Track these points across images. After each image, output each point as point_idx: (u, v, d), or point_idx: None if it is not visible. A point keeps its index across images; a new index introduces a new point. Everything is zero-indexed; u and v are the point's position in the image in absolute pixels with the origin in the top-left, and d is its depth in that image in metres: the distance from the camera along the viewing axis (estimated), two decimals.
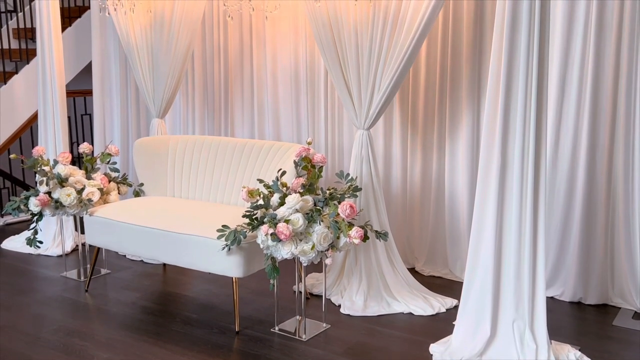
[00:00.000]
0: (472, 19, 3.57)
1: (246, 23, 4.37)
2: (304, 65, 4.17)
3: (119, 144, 4.98)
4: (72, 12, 5.43)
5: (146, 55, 4.17)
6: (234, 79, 4.52)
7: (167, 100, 4.20)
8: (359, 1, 3.20)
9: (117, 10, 4.06)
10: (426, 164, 3.86)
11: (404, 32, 3.19)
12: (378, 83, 3.32)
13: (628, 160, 3.25)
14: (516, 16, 2.58)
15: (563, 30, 3.24)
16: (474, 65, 3.60)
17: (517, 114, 2.63)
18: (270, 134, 4.39)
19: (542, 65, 2.59)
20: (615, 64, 3.20)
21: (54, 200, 3.54)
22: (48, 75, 4.35)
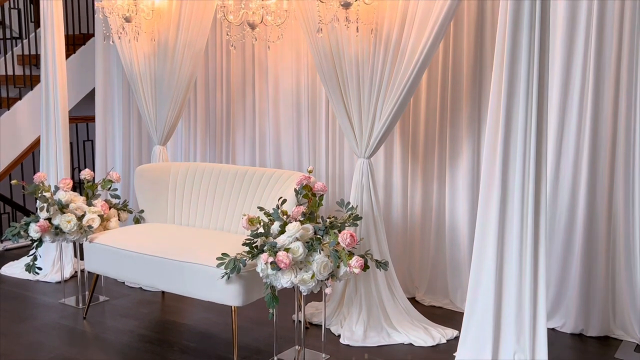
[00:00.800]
0: (473, 49, 3.61)
1: (249, 52, 4.42)
2: (305, 93, 4.20)
3: (120, 171, 4.99)
4: (77, 40, 5.49)
5: (149, 83, 4.21)
6: (236, 106, 4.55)
7: (170, 127, 4.23)
8: (361, 32, 3.24)
9: (121, 38, 4.11)
10: (427, 193, 3.87)
11: (405, 62, 3.23)
12: (379, 112, 3.34)
13: (628, 191, 3.25)
14: (516, 47, 2.61)
15: (563, 60, 3.27)
16: (474, 95, 3.63)
17: (517, 145, 2.64)
18: (272, 162, 4.41)
19: (541, 96, 2.61)
20: (615, 94, 3.22)
21: (54, 226, 3.54)
22: (51, 101, 4.38)
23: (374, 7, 3.24)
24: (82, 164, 6.05)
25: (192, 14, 3.94)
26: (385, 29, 3.26)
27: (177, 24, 4.00)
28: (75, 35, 5.52)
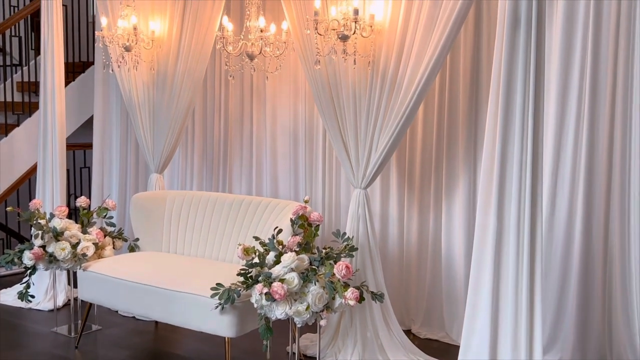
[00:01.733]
0: (469, 81, 3.64)
1: (247, 81, 4.45)
2: (302, 123, 4.22)
3: (116, 198, 4.98)
4: (77, 67, 5.52)
5: (147, 112, 4.23)
6: (233, 135, 4.57)
7: (167, 155, 4.23)
8: (358, 64, 3.27)
9: (121, 67, 4.14)
10: (423, 224, 3.86)
11: (402, 94, 3.25)
12: (375, 143, 3.36)
13: (624, 226, 3.25)
14: (511, 82, 2.64)
15: (558, 92, 3.30)
16: (470, 127, 3.65)
17: (513, 177, 2.65)
18: (268, 191, 4.41)
19: (536, 131, 2.63)
20: (610, 129, 3.24)
21: (49, 254, 3.52)
22: (49, 128, 4.39)
23: (371, 40, 3.27)
24: (79, 190, 6.03)
25: (192, 44, 3.98)
26: (383, 61, 3.29)
27: (176, 53, 4.04)
28: (75, 63, 5.56)
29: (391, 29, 3.26)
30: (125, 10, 3.97)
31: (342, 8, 3.22)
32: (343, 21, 3.21)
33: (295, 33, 3.54)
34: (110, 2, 4.22)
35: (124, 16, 3.97)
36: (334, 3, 3.29)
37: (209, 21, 3.91)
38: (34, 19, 5.54)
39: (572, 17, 3.24)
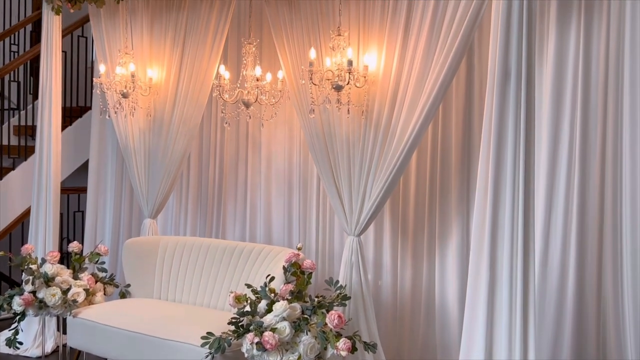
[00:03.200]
0: (461, 130, 3.69)
1: (243, 128, 4.49)
2: (297, 170, 4.25)
3: (109, 243, 4.95)
4: (74, 112, 5.57)
5: (143, 157, 4.25)
6: (228, 180, 4.59)
7: (161, 201, 4.24)
8: (352, 114, 3.32)
9: (118, 113, 4.18)
10: (416, 272, 3.85)
11: (395, 143, 3.30)
12: (369, 191, 3.38)
13: (617, 275, 3.25)
14: (502, 131, 2.69)
15: (549, 142, 3.34)
16: (463, 175, 3.68)
17: (505, 226, 2.67)
18: (262, 236, 4.40)
19: (528, 178, 2.66)
20: (601, 175, 3.27)
21: (39, 300, 3.49)
22: (44, 172, 4.40)
23: (364, 90, 3.34)
24: (72, 234, 6.01)
25: (189, 91, 4.03)
26: (376, 110, 3.35)
27: (173, 100, 4.09)
28: (72, 108, 5.61)
29: (384, 80, 3.33)
30: (124, 58, 4.04)
31: (337, 59, 3.29)
32: (337, 72, 3.27)
33: (290, 82, 3.60)
34: (109, 50, 4.29)
35: (122, 63, 4.03)
36: (329, 54, 3.36)
37: (206, 69, 3.98)
38: (34, 64, 5.62)
39: (562, 70, 3.31)
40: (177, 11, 4.03)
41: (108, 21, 4.28)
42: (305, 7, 3.50)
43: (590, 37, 3.27)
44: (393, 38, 3.30)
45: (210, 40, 3.93)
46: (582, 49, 3.28)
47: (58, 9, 4.24)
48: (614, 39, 3.24)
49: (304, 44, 3.52)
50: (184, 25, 4.01)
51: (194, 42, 3.98)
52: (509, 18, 2.69)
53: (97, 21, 4.34)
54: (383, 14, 3.32)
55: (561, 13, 3.32)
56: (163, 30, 4.11)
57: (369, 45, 3.37)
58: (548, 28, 3.37)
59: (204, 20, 3.92)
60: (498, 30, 2.72)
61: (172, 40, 4.07)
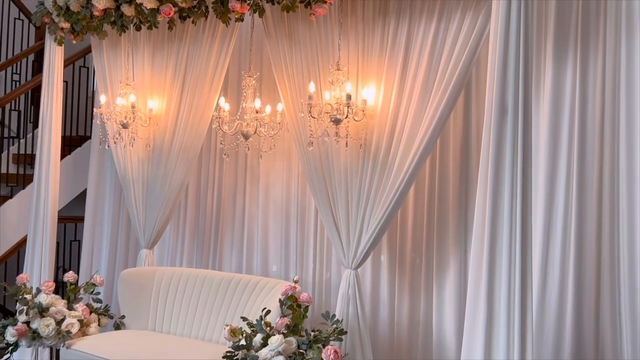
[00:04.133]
0: (459, 163, 3.71)
1: (241, 159, 4.50)
2: (295, 202, 4.25)
3: (105, 273, 4.92)
4: (74, 141, 5.59)
5: (141, 187, 4.25)
6: (225, 211, 4.58)
7: (158, 231, 4.22)
8: (350, 147, 3.34)
9: (117, 143, 4.20)
10: (414, 306, 3.82)
11: (393, 176, 3.31)
12: (366, 224, 3.38)
13: (614, 310, 3.23)
14: (499, 166, 2.70)
15: (546, 177, 3.35)
16: (461, 209, 3.69)
17: (503, 260, 2.67)
18: (258, 268, 4.37)
19: (525, 213, 2.67)
20: (598, 210, 3.27)
21: (32, 330, 3.45)
22: (42, 201, 4.40)
23: (363, 123, 3.36)
24: (68, 263, 5.97)
25: (189, 122, 4.05)
26: (374, 143, 3.37)
27: (173, 131, 4.11)
28: (72, 137, 5.63)
29: (383, 114, 3.36)
30: (125, 89, 4.07)
31: (336, 93, 3.32)
32: (336, 105, 3.30)
33: (289, 115, 3.63)
34: (110, 81, 4.33)
35: (123, 94, 4.07)
36: (328, 88, 3.40)
37: (206, 101, 4.00)
38: (35, 93, 5.66)
39: (558, 105, 3.34)
40: (179, 43, 4.08)
41: (110, 52, 4.32)
42: (305, 42, 3.55)
43: (587, 72, 3.31)
44: (391, 73, 3.34)
45: (211, 72, 3.96)
46: (578, 84, 3.31)
47: (61, 39, 4.30)
48: (610, 74, 3.27)
49: (303, 77, 3.56)
50: (185, 57, 4.05)
51: (195, 73, 4.01)
52: (506, 54, 2.73)
53: (99, 52, 4.39)
54: (382, 49, 3.37)
55: (557, 48, 3.36)
56: (164, 62, 4.15)
57: (368, 79, 3.41)
58: (545, 63, 3.41)
59: (205, 52, 3.96)
60: (495, 66, 2.76)
61: (173, 71, 4.11)
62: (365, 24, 3.39)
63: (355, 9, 3.42)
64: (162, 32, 4.09)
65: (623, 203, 3.20)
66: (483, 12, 2.99)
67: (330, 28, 3.48)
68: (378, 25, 3.35)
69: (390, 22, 3.31)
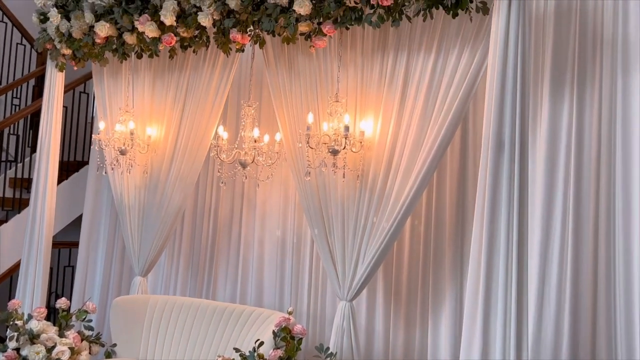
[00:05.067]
0: (455, 197, 3.70)
1: (238, 188, 4.50)
2: (291, 231, 4.23)
3: (97, 300, 4.88)
4: (71, 166, 5.59)
5: (137, 214, 4.24)
6: (221, 240, 4.56)
7: (153, 259, 4.20)
8: (347, 178, 3.35)
9: (115, 170, 4.20)
10: (409, 340, 3.78)
11: (389, 208, 3.30)
12: (362, 255, 3.37)
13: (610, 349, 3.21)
14: (495, 200, 2.71)
15: (543, 212, 3.35)
16: (457, 242, 3.68)
17: (499, 294, 2.67)
18: (253, 298, 4.33)
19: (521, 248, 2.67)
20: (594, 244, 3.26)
21: (22, 357, 3.41)
22: (37, 226, 4.38)
23: (360, 155, 3.37)
24: (61, 289, 5.92)
25: (187, 149, 4.05)
26: (371, 175, 3.37)
27: (170, 158, 4.11)
28: (69, 162, 5.64)
29: (380, 145, 3.37)
30: (124, 115, 4.09)
31: (334, 124, 3.34)
32: (334, 136, 3.32)
33: (287, 144, 3.64)
34: (110, 107, 4.35)
35: (122, 121, 4.08)
36: (326, 119, 3.42)
37: (205, 129, 4.01)
38: (34, 118, 5.68)
39: (555, 140, 3.36)
40: (180, 71, 4.11)
41: (110, 79, 4.35)
42: (305, 73, 3.58)
43: (583, 108, 3.33)
44: (389, 105, 3.36)
45: (210, 100, 3.98)
46: (575, 120, 3.33)
47: (62, 66, 4.33)
48: (606, 111, 3.30)
49: (302, 108, 3.58)
50: (186, 85, 4.08)
51: (195, 101, 4.03)
52: (503, 89, 2.76)
53: (99, 79, 4.42)
54: (380, 81, 3.39)
55: (554, 83, 3.39)
56: (165, 90, 4.17)
57: (366, 111, 3.43)
58: (542, 98, 3.43)
59: (206, 81, 3.99)
60: (492, 101, 2.79)
61: (173, 99, 4.13)
62: (364, 57, 3.43)
63: (354, 42, 3.46)
64: (163, 60, 4.12)
65: (619, 238, 3.20)
66: (481, 48, 3.03)
67: (330, 60, 3.51)
68: (377, 59, 3.39)
69: (389, 56, 3.35)
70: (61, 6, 4.05)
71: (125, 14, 3.78)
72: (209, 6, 3.50)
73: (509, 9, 2.78)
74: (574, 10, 3.37)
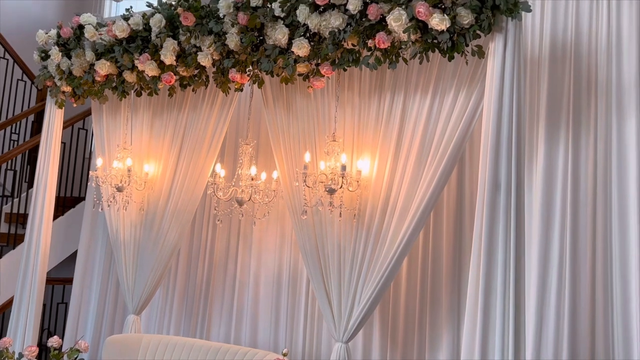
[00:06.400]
0: (452, 237, 3.69)
1: (235, 225, 4.49)
2: (287, 270, 4.20)
3: (90, 338, 4.81)
4: (67, 201, 5.59)
5: (132, 251, 4.22)
6: (216, 278, 4.52)
7: (147, 296, 4.15)
8: (344, 217, 3.34)
9: (111, 206, 4.19)
10: None
11: (386, 248, 3.29)
12: (359, 296, 3.34)
13: None
14: (492, 241, 2.70)
15: (540, 252, 3.34)
16: (454, 284, 3.65)
17: (496, 338, 2.64)
18: (247, 338, 4.28)
19: (518, 289, 2.65)
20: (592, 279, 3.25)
21: None
22: (31, 262, 4.35)
23: (357, 194, 3.38)
24: (53, 326, 5.84)
25: (184, 187, 4.06)
26: (368, 214, 3.37)
27: (167, 195, 4.11)
28: (66, 197, 5.63)
29: (377, 185, 3.38)
30: (122, 153, 4.10)
31: (331, 163, 3.36)
32: (331, 175, 3.33)
33: (284, 183, 3.65)
34: (108, 144, 4.36)
35: (119, 158, 4.09)
36: (323, 158, 3.43)
37: (202, 167, 4.02)
38: (32, 153, 5.69)
39: (551, 182, 3.37)
40: (178, 109, 4.13)
41: (109, 116, 4.38)
42: (302, 113, 3.61)
43: (579, 151, 3.36)
44: (386, 145, 3.38)
45: (208, 139, 4.00)
46: (570, 163, 3.35)
47: (61, 103, 4.36)
48: (601, 154, 3.32)
49: (299, 147, 3.60)
50: (184, 123, 4.10)
51: (193, 139, 4.04)
52: (499, 132, 2.78)
53: (98, 116, 4.44)
54: (377, 122, 3.42)
55: (550, 126, 3.43)
56: (163, 127, 4.19)
57: (363, 150, 3.45)
58: (537, 140, 3.46)
59: (204, 119, 4.01)
60: (488, 144, 2.80)
61: (171, 136, 4.14)
62: (362, 97, 3.46)
63: (352, 83, 3.50)
64: (162, 98, 4.16)
65: (616, 280, 3.18)
66: (477, 90, 3.06)
67: (328, 100, 3.55)
68: (374, 99, 3.42)
69: (385, 97, 3.38)
70: (62, 44, 4.10)
71: (126, 53, 3.83)
72: (209, 46, 3.55)
73: (504, 52, 2.83)
74: (569, 54, 3.43)
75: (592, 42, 3.39)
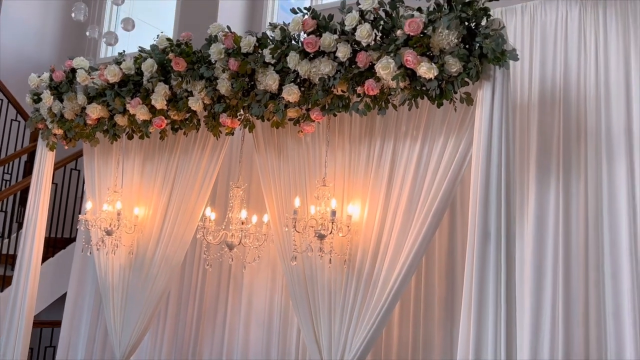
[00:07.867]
0: (444, 283, 3.66)
1: (225, 269, 4.44)
2: (277, 315, 4.13)
3: None
4: (58, 242, 5.54)
5: (120, 294, 4.15)
6: (206, 323, 4.45)
7: (135, 342, 4.07)
8: (334, 262, 3.31)
9: (100, 250, 4.15)
10: None
11: (377, 293, 3.25)
12: (349, 344, 3.28)
13: None
14: (483, 290, 2.67)
15: (532, 297, 3.31)
16: (447, 330, 3.60)
17: None
18: None
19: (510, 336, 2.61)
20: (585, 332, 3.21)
21: None
22: (18, 305, 4.28)
23: (347, 239, 3.35)
24: None
25: (174, 231, 4.01)
26: (358, 260, 3.33)
27: (157, 239, 4.07)
28: (57, 238, 5.58)
29: (367, 230, 3.35)
30: (112, 196, 4.08)
31: (321, 208, 3.33)
32: (321, 220, 3.30)
33: (275, 227, 3.62)
34: (99, 187, 4.34)
35: (109, 201, 4.07)
36: (314, 203, 3.41)
37: (192, 210, 3.98)
38: (23, 194, 5.67)
39: (542, 229, 3.36)
40: (170, 152, 4.13)
41: (100, 159, 4.37)
42: (293, 157, 3.61)
43: (570, 196, 3.35)
44: (377, 190, 3.36)
45: (199, 182, 3.98)
46: (561, 209, 3.34)
47: (53, 145, 4.36)
48: (592, 199, 3.32)
49: (290, 191, 3.59)
50: (175, 166, 4.08)
51: (184, 182, 4.02)
52: (488, 179, 2.77)
53: (90, 158, 4.43)
54: (367, 167, 3.41)
55: (540, 171, 3.43)
56: (154, 170, 4.18)
57: (353, 195, 3.43)
58: (528, 185, 3.46)
59: (195, 162, 3.99)
60: (477, 191, 2.79)
61: (162, 180, 4.12)
62: (352, 142, 3.46)
63: (342, 127, 3.50)
64: (153, 141, 4.16)
65: (610, 324, 3.14)
66: (466, 136, 3.06)
67: (318, 145, 3.55)
68: (364, 144, 3.42)
69: (376, 142, 3.38)
70: (54, 87, 4.12)
71: (118, 97, 3.84)
72: (200, 91, 3.56)
73: (492, 100, 2.84)
74: (558, 100, 3.45)
75: (580, 89, 3.42)
